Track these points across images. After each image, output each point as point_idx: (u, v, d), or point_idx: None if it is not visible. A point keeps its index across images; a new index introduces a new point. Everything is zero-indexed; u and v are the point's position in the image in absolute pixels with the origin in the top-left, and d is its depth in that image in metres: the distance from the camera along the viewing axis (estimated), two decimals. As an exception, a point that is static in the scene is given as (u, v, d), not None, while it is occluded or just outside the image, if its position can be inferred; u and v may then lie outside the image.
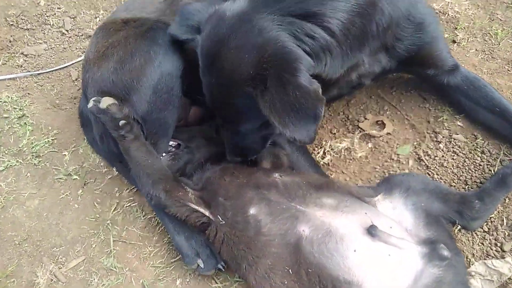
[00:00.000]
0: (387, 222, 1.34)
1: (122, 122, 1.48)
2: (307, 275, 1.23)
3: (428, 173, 1.65)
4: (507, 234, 1.46)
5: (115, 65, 1.58)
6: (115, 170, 1.86)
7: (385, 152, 1.74)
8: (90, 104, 1.53)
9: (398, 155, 1.72)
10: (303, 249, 1.26)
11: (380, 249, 1.25)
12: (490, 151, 1.66)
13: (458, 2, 2.21)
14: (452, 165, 1.66)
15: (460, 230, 1.49)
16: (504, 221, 1.49)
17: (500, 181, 1.49)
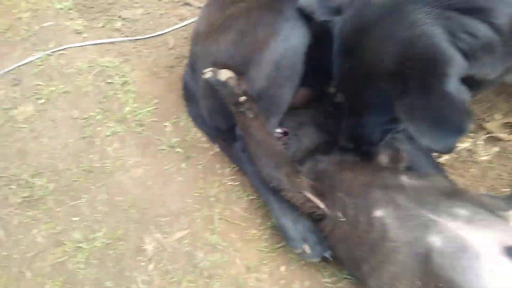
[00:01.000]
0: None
1: (243, 98, 1.45)
2: (436, 290, 1.18)
3: None
4: None
5: (235, 37, 1.53)
6: (217, 147, 1.86)
7: (512, 158, 1.60)
8: (208, 74, 1.50)
9: (529, 164, 1.58)
10: (433, 261, 1.20)
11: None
12: None
13: None
14: None
15: None
16: None
17: None
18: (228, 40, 1.54)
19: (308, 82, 1.63)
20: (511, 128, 1.65)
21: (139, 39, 2.33)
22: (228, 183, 1.78)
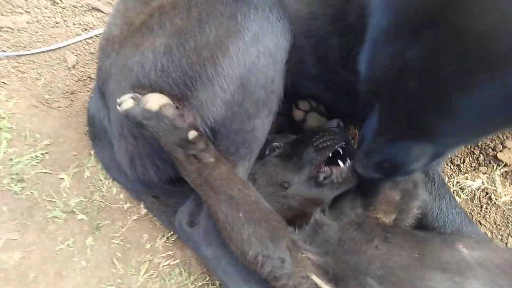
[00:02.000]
0: None
1: (193, 134, 0.88)
2: None
3: None
4: None
5: (168, 41, 0.96)
6: (143, 207, 1.25)
7: (538, 196, 1.25)
8: (127, 103, 0.91)
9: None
10: None
11: None
12: None
13: None
14: None
15: None
16: None
17: None
18: (157, 46, 0.97)
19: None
20: (533, 157, 1.31)
21: (23, 55, 1.64)
22: (163, 263, 1.16)
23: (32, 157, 1.35)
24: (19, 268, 1.15)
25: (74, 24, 1.74)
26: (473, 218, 1.24)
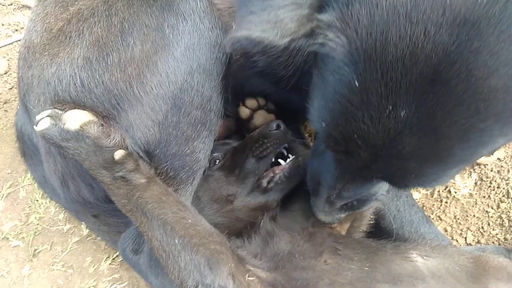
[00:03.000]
0: None
1: (120, 154, 0.78)
2: None
3: None
4: None
5: (87, 53, 0.84)
6: (84, 228, 1.15)
7: (497, 187, 1.21)
8: (43, 124, 0.79)
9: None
10: None
11: None
12: None
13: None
14: None
15: None
16: None
17: None
18: (75, 57, 0.85)
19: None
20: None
21: None
22: (109, 288, 1.08)
23: (-42, 179, 1.22)
24: None
25: (2, 25, 1.59)
26: (433, 213, 1.20)
